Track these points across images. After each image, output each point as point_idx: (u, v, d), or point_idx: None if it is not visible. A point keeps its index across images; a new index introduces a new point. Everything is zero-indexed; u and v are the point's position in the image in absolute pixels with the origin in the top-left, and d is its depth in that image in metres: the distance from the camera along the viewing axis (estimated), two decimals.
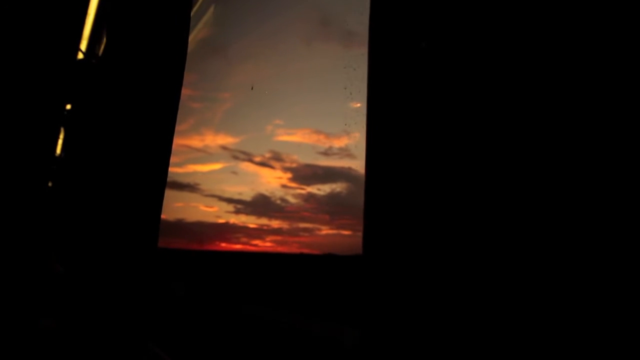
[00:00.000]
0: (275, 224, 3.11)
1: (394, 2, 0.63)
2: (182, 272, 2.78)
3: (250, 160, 3.29)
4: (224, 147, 3.45)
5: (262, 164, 3.26)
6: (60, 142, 1.96)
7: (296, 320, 1.84)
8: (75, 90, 1.69)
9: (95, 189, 1.25)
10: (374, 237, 0.62)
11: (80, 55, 1.66)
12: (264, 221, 3.09)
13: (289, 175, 3.28)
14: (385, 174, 0.62)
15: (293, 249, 3.12)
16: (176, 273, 2.74)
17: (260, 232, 3.06)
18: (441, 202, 0.56)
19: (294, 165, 3.25)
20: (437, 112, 0.58)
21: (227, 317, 2.05)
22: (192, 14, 2.80)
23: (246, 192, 3.28)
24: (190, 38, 3.29)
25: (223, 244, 2.99)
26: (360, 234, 0.66)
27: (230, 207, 3.22)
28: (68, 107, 1.73)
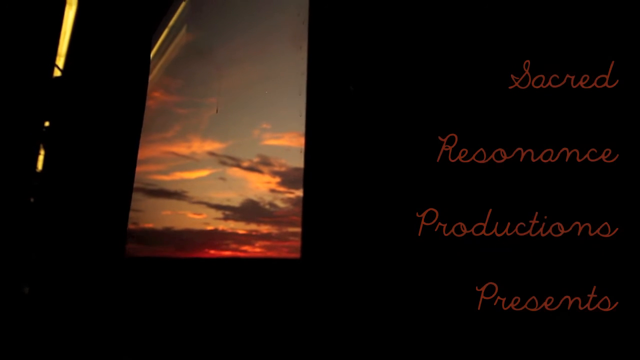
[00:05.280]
0: (264, 229, 3.10)
1: (328, 57, 0.79)
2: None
3: (238, 166, 3.27)
4: (211, 153, 3.44)
5: (250, 168, 3.24)
6: (41, 158, 1.94)
7: None
8: (54, 107, 1.67)
9: (63, 202, 1.24)
10: (311, 245, 0.79)
11: (58, 72, 1.64)
12: (253, 227, 3.07)
13: (278, 179, 3.27)
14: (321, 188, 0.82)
15: (283, 254, 3.12)
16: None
17: (249, 238, 3.05)
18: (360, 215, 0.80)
19: (282, 169, 3.24)
20: (361, 140, 0.77)
21: None
22: (175, 18, 2.77)
23: (234, 198, 3.26)
24: (175, 43, 3.25)
25: (212, 251, 2.98)
26: None
27: (219, 214, 3.21)
28: (47, 124, 1.71)
